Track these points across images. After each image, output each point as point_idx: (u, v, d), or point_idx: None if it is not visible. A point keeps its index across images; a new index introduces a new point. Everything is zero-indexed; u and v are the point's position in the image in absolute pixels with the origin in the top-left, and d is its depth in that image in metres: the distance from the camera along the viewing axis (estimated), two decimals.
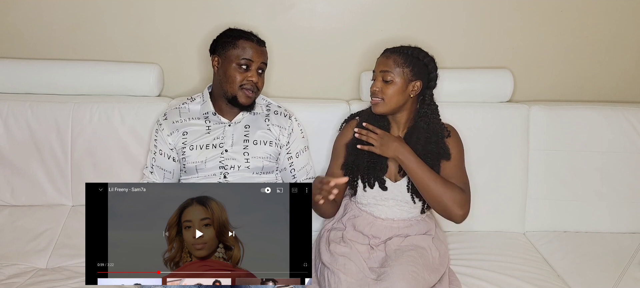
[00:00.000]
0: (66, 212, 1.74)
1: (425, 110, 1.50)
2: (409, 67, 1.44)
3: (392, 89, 1.44)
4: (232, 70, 1.47)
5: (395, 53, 1.46)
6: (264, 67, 1.52)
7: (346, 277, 1.35)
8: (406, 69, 1.44)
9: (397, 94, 1.44)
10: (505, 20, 1.92)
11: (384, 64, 1.46)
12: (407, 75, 1.44)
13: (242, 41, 1.48)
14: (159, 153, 1.55)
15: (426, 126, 1.49)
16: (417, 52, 1.47)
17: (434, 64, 1.49)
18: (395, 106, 1.47)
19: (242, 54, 1.47)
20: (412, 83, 1.45)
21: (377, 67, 1.49)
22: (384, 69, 1.45)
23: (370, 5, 1.89)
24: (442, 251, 1.51)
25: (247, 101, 1.50)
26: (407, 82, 1.45)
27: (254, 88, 1.49)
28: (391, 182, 1.50)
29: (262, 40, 1.53)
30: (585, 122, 1.80)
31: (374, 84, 1.47)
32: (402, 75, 1.44)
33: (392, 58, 1.45)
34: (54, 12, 1.86)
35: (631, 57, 2.00)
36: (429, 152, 1.47)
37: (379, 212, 1.53)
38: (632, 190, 1.81)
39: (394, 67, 1.44)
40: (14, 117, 1.73)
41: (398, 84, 1.44)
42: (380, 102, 1.46)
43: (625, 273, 1.56)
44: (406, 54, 1.46)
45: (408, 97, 1.47)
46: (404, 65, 1.44)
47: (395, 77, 1.44)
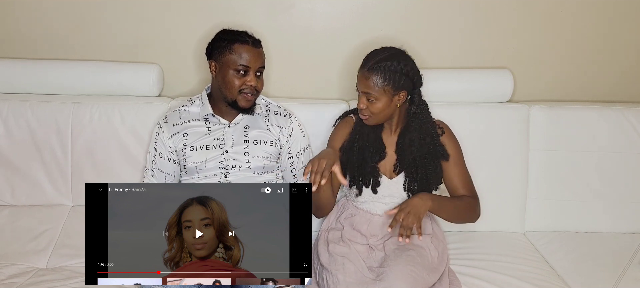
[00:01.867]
0: (66, 212, 1.74)
1: (415, 110, 1.51)
2: (390, 84, 1.41)
3: (376, 106, 1.44)
4: (230, 76, 1.46)
5: (373, 71, 1.41)
6: (262, 70, 1.51)
7: (345, 277, 1.35)
8: (387, 87, 1.41)
9: (383, 108, 1.45)
10: (505, 20, 1.92)
11: (365, 85, 1.43)
12: (389, 91, 1.42)
13: (238, 45, 1.45)
14: (159, 156, 1.55)
15: (418, 126, 1.50)
16: (396, 64, 1.41)
17: (415, 69, 1.46)
18: (384, 118, 1.49)
19: (239, 59, 1.45)
20: (397, 96, 1.45)
21: (358, 84, 1.46)
22: (365, 91, 1.43)
23: (370, 5, 1.89)
24: (440, 250, 1.51)
25: (247, 104, 1.50)
26: (391, 96, 1.44)
27: (253, 91, 1.49)
28: (387, 179, 1.51)
29: (258, 39, 1.50)
30: (585, 122, 1.80)
31: (360, 101, 1.47)
32: (385, 93, 1.42)
33: (371, 78, 1.41)
34: (54, 12, 1.86)
35: (631, 57, 2.00)
36: (426, 153, 1.48)
37: (375, 208, 1.53)
38: (632, 190, 1.81)
39: (374, 88, 1.41)
40: (14, 117, 1.73)
41: (382, 101, 1.43)
42: (369, 118, 1.47)
43: (625, 273, 1.55)
44: (384, 70, 1.41)
45: (395, 107, 1.47)
46: (384, 84, 1.41)
47: (377, 96, 1.42)
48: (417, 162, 1.49)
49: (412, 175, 1.49)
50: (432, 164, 1.49)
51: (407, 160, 1.50)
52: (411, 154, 1.49)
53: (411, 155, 1.49)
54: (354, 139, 1.53)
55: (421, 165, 1.49)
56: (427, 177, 1.49)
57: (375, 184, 1.50)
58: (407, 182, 1.50)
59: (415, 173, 1.49)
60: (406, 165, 1.50)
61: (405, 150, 1.50)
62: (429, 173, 1.49)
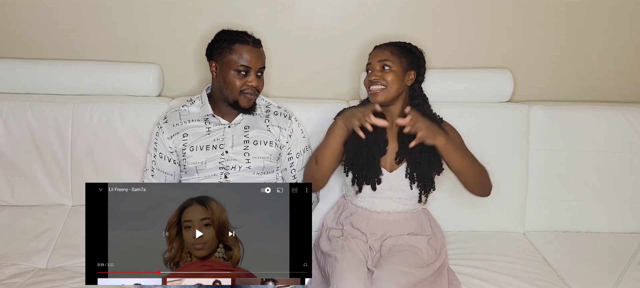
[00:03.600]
0: (66, 212, 1.74)
1: (417, 101, 1.53)
2: (405, 57, 1.50)
3: (391, 76, 1.47)
4: (231, 76, 1.46)
5: (389, 45, 1.52)
6: (262, 70, 1.52)
7: (343, 255, 1.37)
8: (403, 59, 1.49)
9: (397, 81, 1.48)
10: (505, 20, 1.92)
11: (382, 54, 1.50)
12: (404, 64, 1.49)
13: (238, 45, 1.46)
14: (159, 157, 1.55)
15: (420, 113, 1.48)
16: (409, 45, 1.54)
17: (423, 58, 1.55)
18: (395, 94, 1.49)
19: (239, 60, 1.45)
20: (408, 72, 1.51)
21: (373, 58, 1.52)
22: (382, 58, 1.49)
23: (369, 5, 1.89)
24: (438, 248, 1.52)
25: (248, 104, 1.50)
26: (404, 71, 1.50)
27: (254, 92, 1.49)
28: (387, 171, 1.51)
29: (258, 39, 1.50)
30: (585, 122, 1.80)
31: (373, 73, 1.50)
32: (400, 64, 1.49)
33: (389, 49, 1.51)
34: (54, 12, 1.86)
35: (631, 57, 2.00)
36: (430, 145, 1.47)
37: (374, 205, 1.53)
38: (631, 190, 1.81)
39: (391, 56, 1.49)
40: (14, 117, 1.73)
41: (397, 72, 1.48)
42: (382, 89, 1.47)
43: (625, 273, 1.55)
44: (400, 46, 1.52)
45: (404, 87, 1.51)
46: (400, 55, 1.49)
47: (393, 65, 1.48)
48: (421, 146, 1.44)
49: (414, 161, 1.49)
50: (434, 149, 1.46)
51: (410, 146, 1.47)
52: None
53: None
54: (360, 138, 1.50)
55: (424, 149, 1.46)
56: (430, 161, 1.48)
57: (376, 181, 1.50)
58: (408, 169, 1.49)
59: (419, 159, 1.48)
60: (409, 152, 1.47)
61: (408, 136, 1.45)
62: (431, 158, 1.48)
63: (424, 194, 1.54)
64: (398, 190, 1.51)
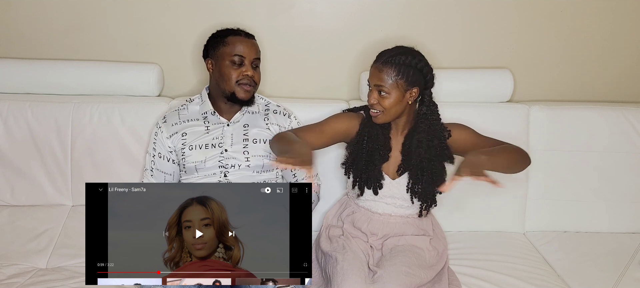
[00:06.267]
0: (66, 212, 1.75)
1: (424, 111, 1.48)
2: (403, 78, 1.40)
3: (388, 101, 1.41)
4: (226, 67, 1.48)
5: (387, 65, 1.40)
6: (257, 62, 1.53)
7: (343, 257, 1.37)
8: (400, 81, 1.40)
9: (395, 104, 1.42)
10: (505, 20, 1.92)
11: (378, 78, 1.41)
12: (402, 86, 1.41)
13: (231, 37, 1.50)
14: (159, 156, 1.55)
15: (427, 127, 1.48)
16: (410, 59, 1.41)
17: (429, 66, 1.45)
18: (395, 116, 1.46)
19: (232, 50, 1.48)
20: (409, 91, 1.43)
21: (371, 78, 1.45)
22: (378, 83, 1.41)
23: (369, 5, 1.89)
24: (440, 249, 1.51)
25: (246, 96, 1.50)
26: (403, 91, 1.42)
27: (251, 82, 1.50)
28: (390, 179, 1.50)
29: (250, 33, 1.54)
30: (585, 122, 1.80)
31: (371, 96, 1.44)
32: (397, 88, 1.40)
33: (385, 71, 1.40)
34: (54, 12, 1.86)
35: (630, 57, 2.00)
36: (433, 155, 1.47)
37: (376, 207, 1.53)
38: (631, 190, 1.81)
39: (387, 81, 1.40)
40: (14, 117, 1.73)
41: (394, 96, 1.41)
42: (380, 114, 1.44)
43: (625, 273, 1.56)
44: (398, 64, 1.40)
45: (407, 105, 1.45)
46: (397, 77, 1.40)
47: (390, 90, 1.40)
48: (423, 164, 1.46)
49: (416, 176, 1.47)
50: (438, 167, 1.47)
51: (413, 161, 1.47)
52: (418, 156, 1.46)
53: (418, 156, 1.46)
54: (362, 140, 1.50)
55: (427, 168, 1.46)
56: (432, 178, 1.46)
57: (378, 186, 1.49)
58: (410, 183, 1.48)
59: (421, 175, 1.46)
60: (411, 167, 1.47)
61: (412, 151, 1.47)
62: (434, 175, 1.46)
63: (424, 210, 1.53)
64: (399, 198, 1.51)
